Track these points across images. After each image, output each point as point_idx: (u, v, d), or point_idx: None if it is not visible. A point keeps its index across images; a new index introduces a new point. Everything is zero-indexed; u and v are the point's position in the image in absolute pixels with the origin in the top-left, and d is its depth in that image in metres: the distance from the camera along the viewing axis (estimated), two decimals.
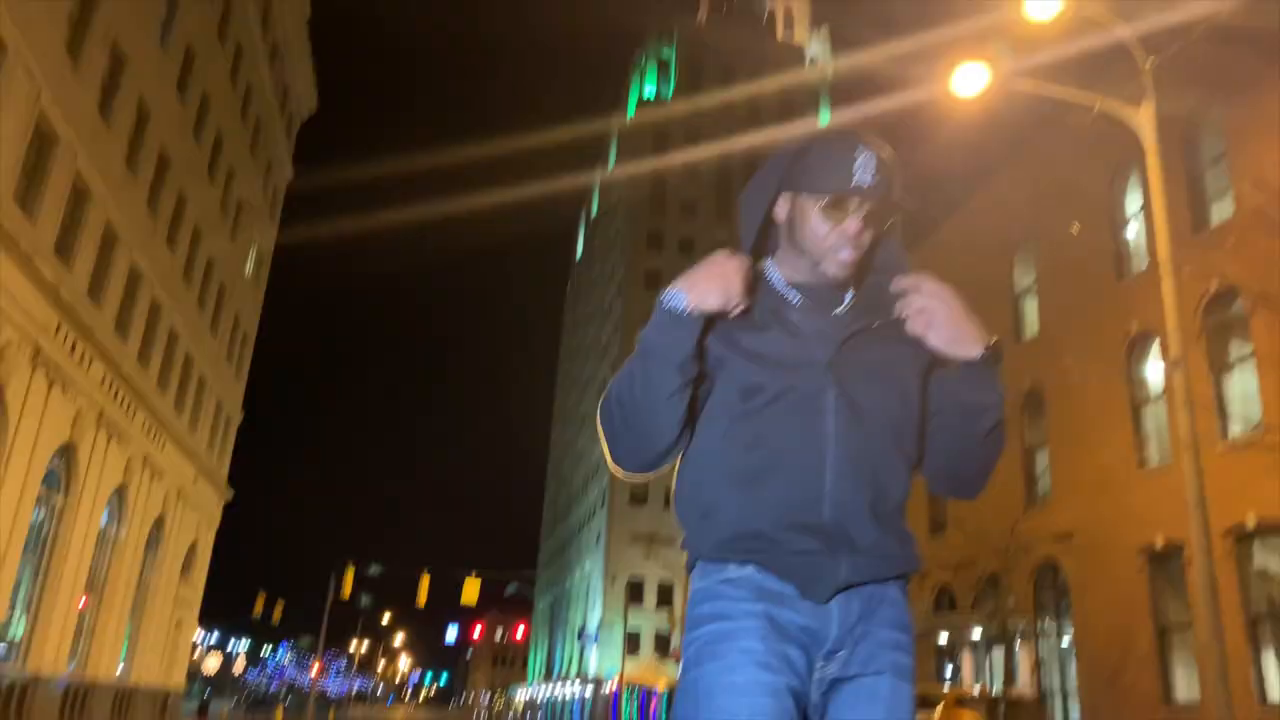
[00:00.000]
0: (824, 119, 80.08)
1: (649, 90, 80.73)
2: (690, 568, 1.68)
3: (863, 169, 1.64)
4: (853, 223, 1.66)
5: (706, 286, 1.60)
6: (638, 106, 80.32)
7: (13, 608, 20.69)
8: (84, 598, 24.55)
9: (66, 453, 22.24)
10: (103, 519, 25.18)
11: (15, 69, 17.22)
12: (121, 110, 22.68)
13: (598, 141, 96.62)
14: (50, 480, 21.63)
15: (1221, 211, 17.25)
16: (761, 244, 1.80)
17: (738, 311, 1.64)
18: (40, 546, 21.83)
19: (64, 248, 20.55)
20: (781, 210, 1.75)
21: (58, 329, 20.19)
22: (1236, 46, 16.01)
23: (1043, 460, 21.47)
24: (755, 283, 1.69)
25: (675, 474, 1.71)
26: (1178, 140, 18.06)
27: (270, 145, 38.34)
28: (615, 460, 1.72)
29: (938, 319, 1.66)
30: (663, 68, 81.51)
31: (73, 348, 21.11)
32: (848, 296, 1.73)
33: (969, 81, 14.45)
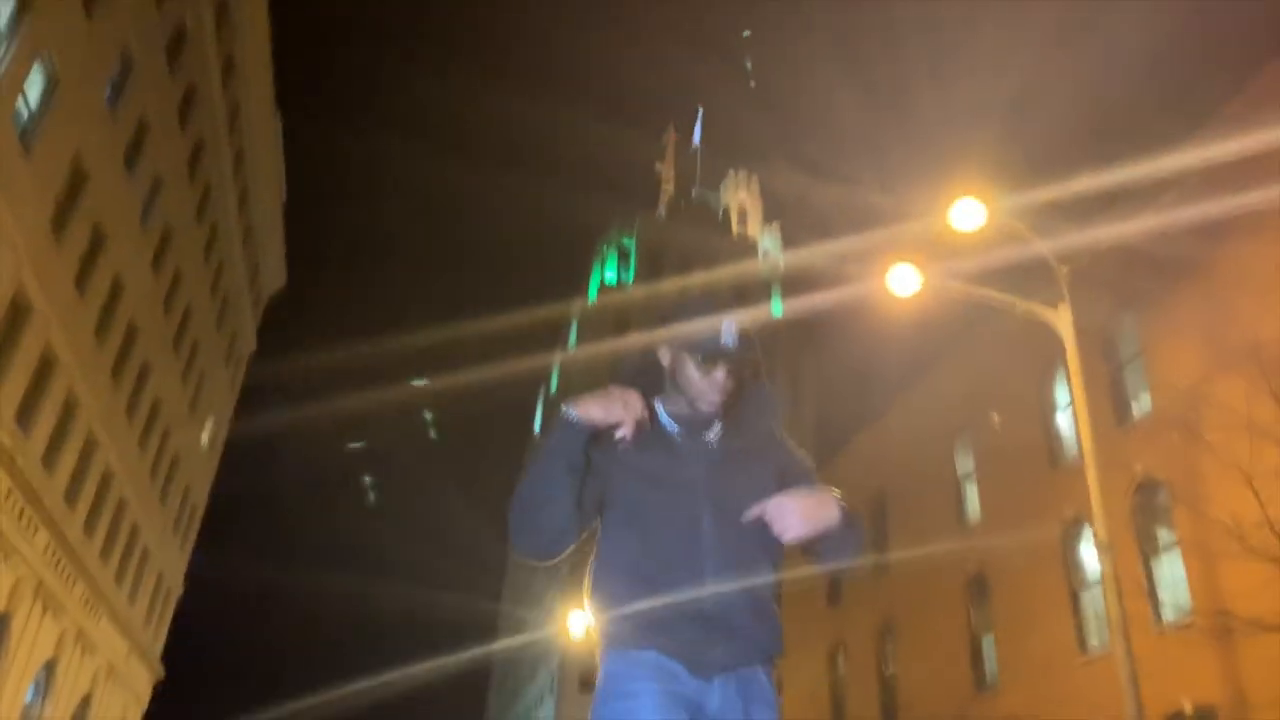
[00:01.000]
0: (776, 309, 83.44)
1: (609, 276, 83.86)
2: (601, 652, 2.12)
3: (728, 334, 2.19)
4: (719, 374, 2.20)
5: (594, 405, 2.11)
6: (599, 291, 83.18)
7: None
8: None
9: (0, 623, 21.60)
10: (29, 695, 24.13)
11: (0, 244, 17.98)
12: (97, 284, 23.42)
13: (558, 323, 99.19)
14: None
15: (1141, 406, 18.41)
16: (648, 385, 2.29)
17: (619, 429, 2.10)
18: None
19: (25, 416, 20.73)
20: (665, 358, 2.28)
21: (8, 495, 20.10)
22: (1142, 264, 17.61)
23: (989, 645, 21.67)
24: (641, 410, 2.16)
25: (588, 576, 2.20)
26: (1098, 338, 19.44)
27: (236, 320, 39.19)
28: (516, 547, 2.17)
29: (792, 523, 2.09)
30: (623, 255, 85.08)
31: (20, 514, 20.92)
32: (717, 426, 2.25)
33: (902, 282, 15.73)
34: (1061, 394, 20.78)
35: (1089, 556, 19.15)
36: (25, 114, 18.47)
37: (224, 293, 36.39)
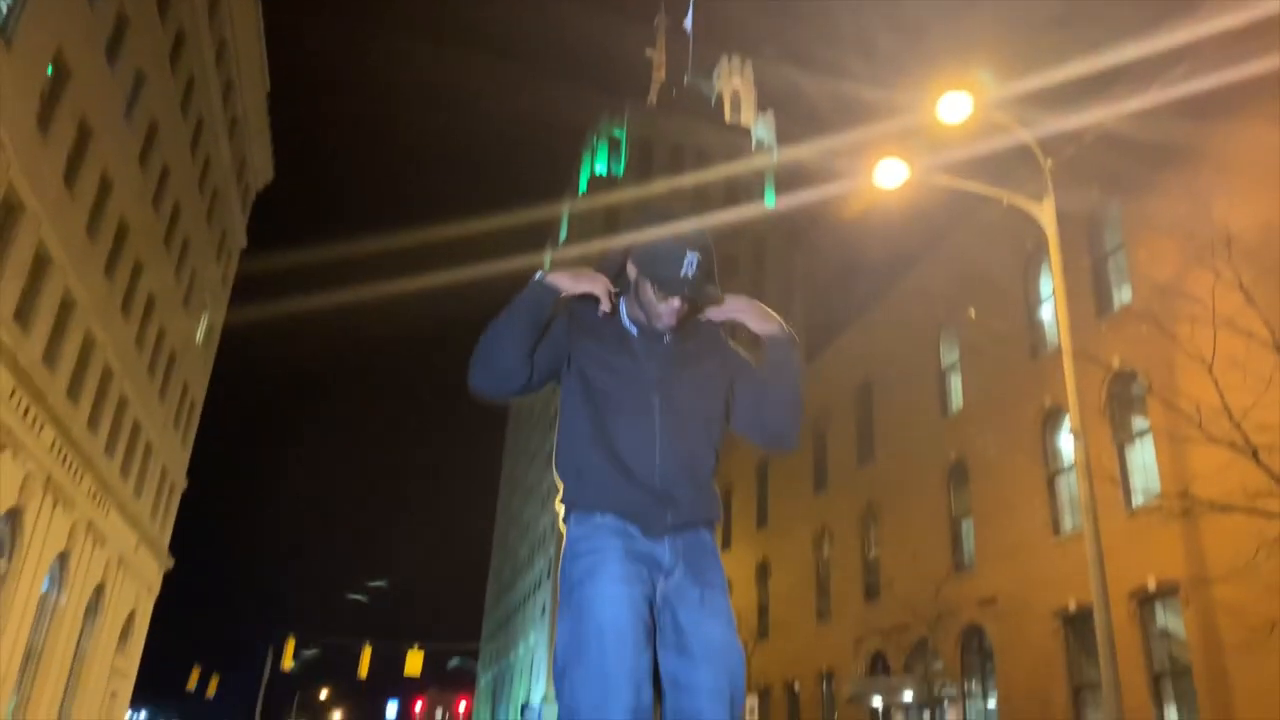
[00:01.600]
0: (769, 199, 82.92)
1: (600, 167, 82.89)
2: (565, 516, 2.47)
3: (688, 265, 2.40)
4: (674, 302, 2.47)
5: (565, 276, 2.46)
6: (589, 184, 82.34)
7: None
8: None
9: (13, 517, 22.31)
10: (44, 585, 25.06)
11: None
12: (85, 181, 23.33)
13: (549, 217, 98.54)
14: None
15: (1121, 297, 18.79)
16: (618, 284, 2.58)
17: (589, 300, 2.46)
18: None
19: (22, 314, 20.98)
20: (631, 273, 2.54)
21: (12, 393, 20.49)
22: (1126, 152, 17.69)
23: (968, 528, 22.59)
24: (611, 298, 2.50)
25: (553, 443, 2.57)
26: (1082, 229, 19.68)
27: (226, 215, 39.01)
28: (471, 381, 2.48)
29: (749, 314, 2.52)
30: (614, 146, 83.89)
31: (25, 411, 21.37)
32: (668, 336, 2.55)
33: (889, 175, 15.88)
34: (1045, 286, 21.13)
35: (1065, 444, 19.83)
36: (3, 8, 18.15)
37: (212, 187, 36.15)
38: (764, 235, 78.10)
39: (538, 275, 2.47)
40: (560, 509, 2.49)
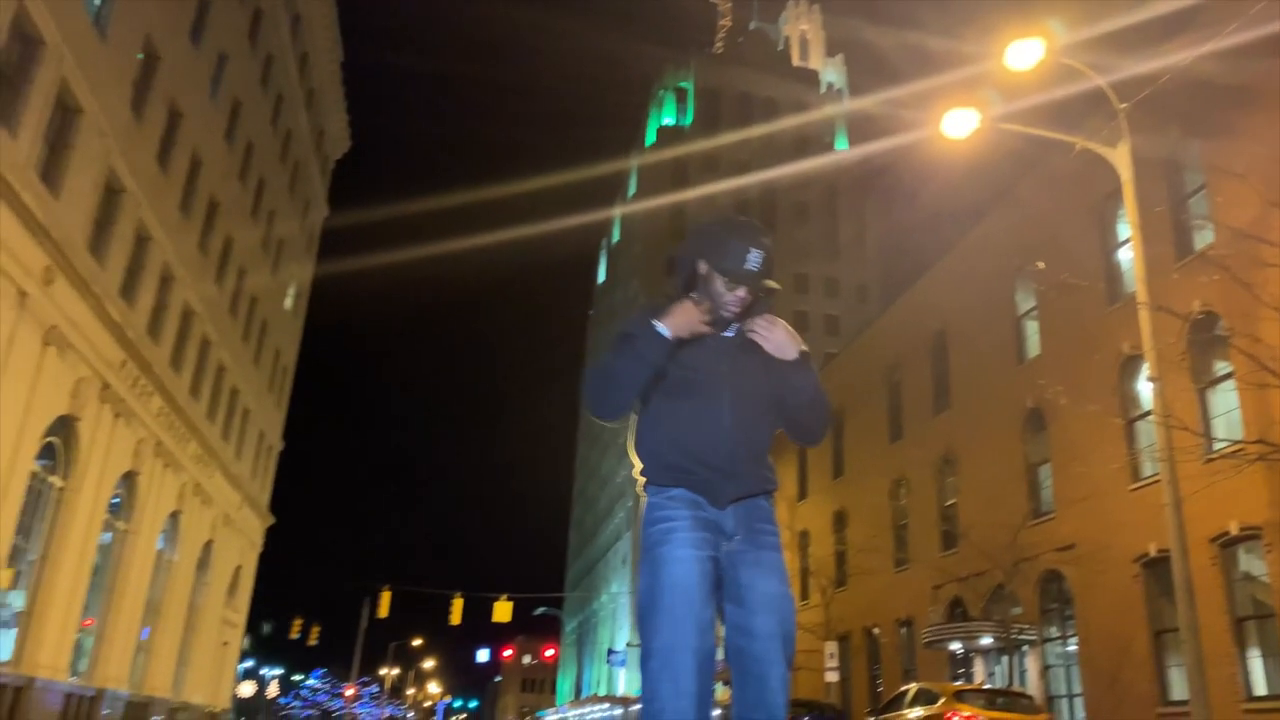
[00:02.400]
0: (841, 143, 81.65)
1: (667, 119, 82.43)
2: (645, 487, 2.91)
3: (754, 260, 2.80)
4: (741, 292, 2.86)
5: (681, 322, 2.78)
6: (656, 135, 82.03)
7: (86, 624, 22.25)
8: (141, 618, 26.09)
9: (129, 480, 23.85)
10: (159, 543, 26.76)
11: (90, 132, 18.95)
12: (177, 161, 24.45)
13: (618, 170, 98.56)
14: (114, 507, 23.22)
15: (1203, 239, 18.45)
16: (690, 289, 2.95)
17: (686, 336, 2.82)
18: (106, 570, 23.38)
19: (128, 289, 22.25)
20: (701, 269, 2.91)
21: (123, 365, 21.83)
22: (1205, 94, 17.28)
23: (1045, 475, 22.59)
24: (705, 323, 2.84)
25: (633, 430, 2.98)
26: (1160, 173, 19.31)
27: (307, 185, 40.24)
28: (592, 412, 2.90)
29: (769, 339, 2.85)
30: (680, 96, 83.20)
31: (135, 382, 22.74)
32: (735, 328, 2.94)
33: (959, 125, 15.84)
34: (1122, 230, 20.80)
35: (1144, 389, 19.66)
36: (96, 1, 19.06)
37: (294, 159, 37.32)
38: (835, 183, 77.05)
39: (657, 328, 2.75)
40: (640, 479, 2.94)
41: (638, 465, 2.94)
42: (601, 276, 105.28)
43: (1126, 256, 20.75)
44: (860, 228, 79.01)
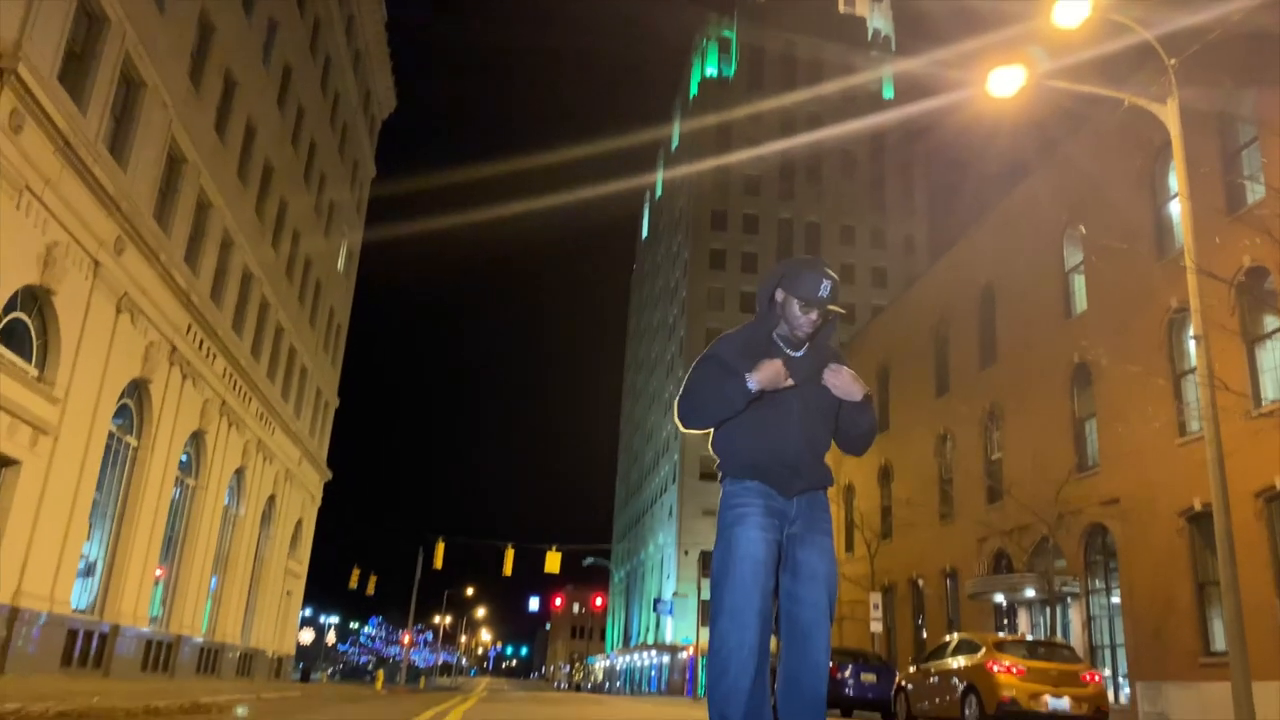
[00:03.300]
0: (887, 93, 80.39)
1: (710, 70, 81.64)
2: (722, 479, 3.42)
3: (824, 289, 3.32)
4: (814, 314, 3.36)
5: (768, 378, 3.25)
6: (699, 88, 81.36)
7: (162, 575, 23.45)
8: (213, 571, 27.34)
9: (197, 439, 24.89)
10: (225, 498, 27.91)
11: (153, 104, 19.59)
12: (233, 129, 25.10)
13: (660, 126, 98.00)
14: (183, 465, 24.28)
15: (1254, 193, 18.28)
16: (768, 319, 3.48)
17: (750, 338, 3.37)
18: (177, 525, 24.53)
19: (191, 256, 23.05)
20: (779, 296, 3.44)
21: (189, 329, 22.70)
22: (1260, 46, 17.02)
23: (1090, 430, 22.70)
24: (785, 375, 3.32)
25: (714, 434, 3.44)
26: (1212, 126, 19.11)
27: (356, 147, 40.84)
28: (682, 426, 3.44)
29: (838, 385, 3.35)
30: (724, 46, 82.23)
31: (200, 345, 23.64)
32: (805, 349, 3.45)
33: (1004, 82, 15.82)
34: (1172, 184, 20.63)
35: (1192, 344, 19.65)
36: None
37: (342, 121, 37.88)
38: (882, 134, 75.95)
39: (748, 382, 3.24)
40: (719, 473, 3.46)
41: (716, 460, 3.46)
42: (645, 233, 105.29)
43: (1176, 210, 20.60)
44: (908, 179, 78.03)
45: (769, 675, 3.18)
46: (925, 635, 29.24)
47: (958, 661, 15.14)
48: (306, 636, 61.79)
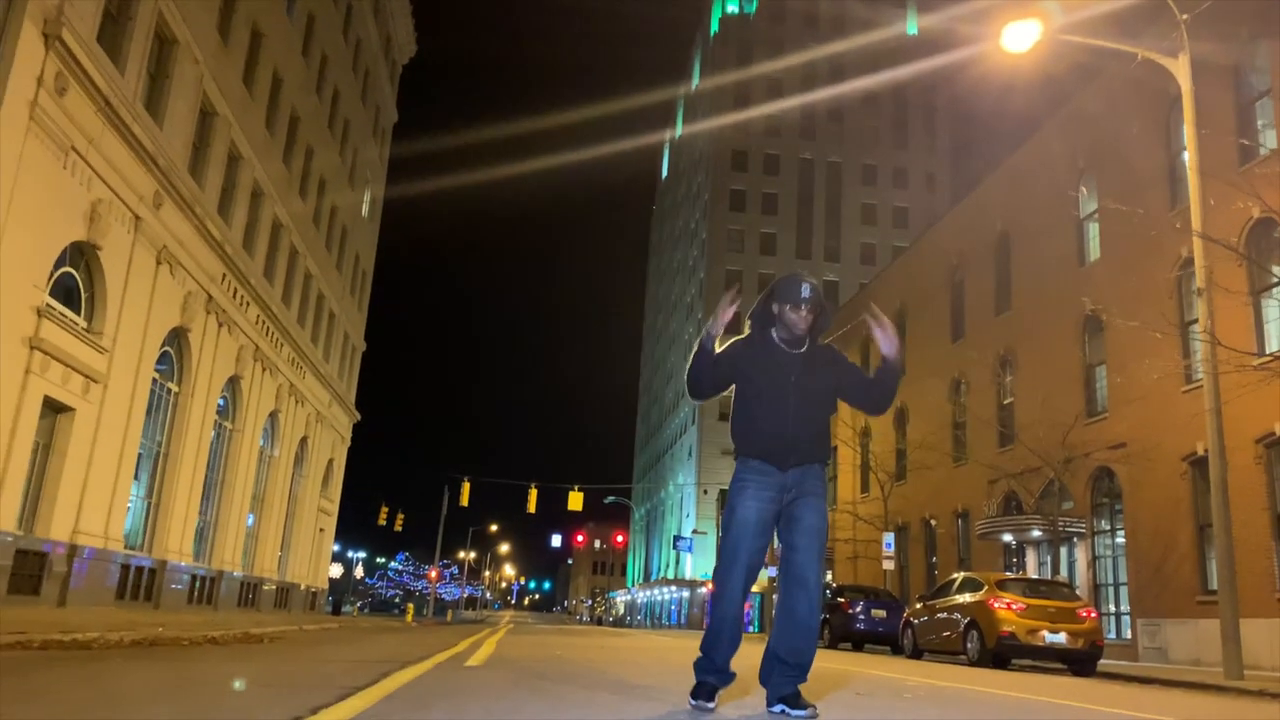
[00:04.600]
0: (911, 28, 79.24)
1: (731, 6, 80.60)
2: (736, 456, 4.14)
3: (805, 290, 4.02)
4: (803, 311, 4.03)
5: (720, 320, 4.05)
6: (720, 23, 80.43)
7: (203, 514, 24.58)
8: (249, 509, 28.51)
9: (233, 384, 25.84)
10: (260, 440, 28.97)
11: (185, 60, 20.10)
12: (261, 80, 25.57)
13: (682, 63, 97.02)
14: (220, 409, 25.27)
15: (1267, 142, 18.49)
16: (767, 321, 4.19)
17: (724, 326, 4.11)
18: (217, 466, 25.60)
19: (224, 208, 23.73)
20: (774, 306, 4.12)
21: (223, 278, 23.48)
22: None
23: (1100, 376, 23.20)
24: (735, 303, 4.08)
25: (731, 418, 4.17)
26: (1225, 75, 19.24)
27: (377, 93, 41.13)
28: (694, 398, 4.22)
29: (885, 338, 4.10)
30: None
31: (234, 293, 24.44)
32: (804, 346, 4.12)
33: (1018, 38, 16.07)
34: (1185, 133, 20.79)
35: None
36: None
37: (364, 68, 38.16)
38: (904, 80, 74.90)
39: (704, 335, 4.08)
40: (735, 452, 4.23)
41: (733, 443, 4.20)
42: (665, 172, 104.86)
43: (1186, 159, 20.82)
44: (930, 115, 77.29)
45: (744, 599, 4.01)
46: (937, 574, 30.14)
47: (961, 598, 15.94)
48: (335, 571, 63.81)
